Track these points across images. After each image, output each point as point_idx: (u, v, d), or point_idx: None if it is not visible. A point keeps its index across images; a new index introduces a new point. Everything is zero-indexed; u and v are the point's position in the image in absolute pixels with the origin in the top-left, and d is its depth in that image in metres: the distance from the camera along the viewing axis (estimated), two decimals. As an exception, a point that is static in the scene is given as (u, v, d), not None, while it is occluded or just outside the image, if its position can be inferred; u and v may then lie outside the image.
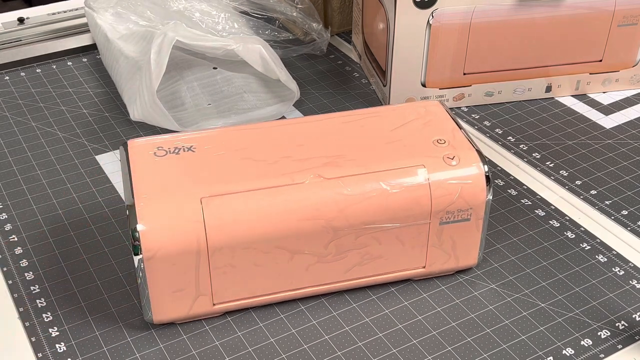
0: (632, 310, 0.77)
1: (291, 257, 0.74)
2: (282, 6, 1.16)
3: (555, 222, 0.89)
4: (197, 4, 1.11)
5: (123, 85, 1.07)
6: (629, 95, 1.13)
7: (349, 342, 0.74)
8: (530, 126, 1.06)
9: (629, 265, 0.83)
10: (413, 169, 0.75)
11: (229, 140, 0.79)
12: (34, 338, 0.75)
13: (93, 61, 1.23)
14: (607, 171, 0.97)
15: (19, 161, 1.00)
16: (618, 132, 1.05)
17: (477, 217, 0.77)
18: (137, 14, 1.10)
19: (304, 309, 0.78)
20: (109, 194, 0.94)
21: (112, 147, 1.02)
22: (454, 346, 0.74)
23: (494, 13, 1.02)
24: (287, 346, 0.74)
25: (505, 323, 0.76)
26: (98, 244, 0.86)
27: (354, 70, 1.20)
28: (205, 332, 0.76)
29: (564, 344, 0.74)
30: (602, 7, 1.04)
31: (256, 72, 1.07)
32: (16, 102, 1.12)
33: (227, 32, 1.09)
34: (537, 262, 0.83)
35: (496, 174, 0.97)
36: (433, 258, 0.78)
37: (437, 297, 0.79)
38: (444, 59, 1.05)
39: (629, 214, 0.90)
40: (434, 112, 0.83)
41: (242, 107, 1.09)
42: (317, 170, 0.74)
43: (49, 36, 1.27)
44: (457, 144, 0.78)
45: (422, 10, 1.00)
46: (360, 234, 0.74)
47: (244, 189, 0.72)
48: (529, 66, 1.08)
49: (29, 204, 0.92)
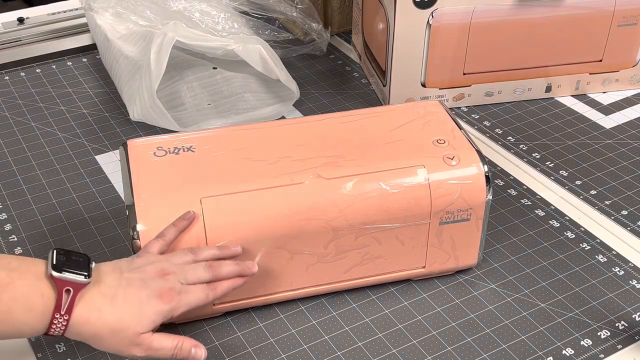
0: (632, 310, 0.77)
1: (291, 257, 0.74)
2: (282, 6, 1.16)
3: (555, 222, 0.89)
4: (197, 4, 1.11)
5: (123, 85, 1.07)
6: (629, 95, 1.13)
7: (349, 342, 0.74)
8: (530, 126, 1.06)
9: (629, 265, 0.83)
10: (413, 169, 0.75)
11: (228, 140, 0.79)
12: (34, 338, 0.75)
13: (93, 61, 1.23)
14: (607, 171, 0.97)
15: (19, 161, 1.00)
16: (618, 132, 1.05)
17: (477, 217, 0.77)
18: (137, 14, 1.10)
19: (304, 309, 0.78)
20: (108, 194, 0.94)
21: (111, 147, 1.02)
22: (453, 346, 0.74)
23: (494, 13, 1.02)
24: (287, 346, 0.74)
25: (505, 323, 0.76)
26: (98, 244, 0.86)
27: (354, 70, 1.20)
28: (205, 332, 0.76)
29: (564, 344, 0.74)
30: (602, 7, 1.04)
31: (256, 72, 1.07)
32: (16, 102, 1.12)
33: (227, 32, 1.09)
34: (537, 262, 0.83)
35: (496, 174, 0.97)
36: (433, 258, 0.78)
37: (437, 297, 0.79)
38: (443, 59, 1.05)
39: (629, 214, 0.90)
40: (433, 112, 0.83)
41: (241, 107, 1.09)
42: (316, 170, 0.74)
43: (48, 36, 1.27)
44: (457, 144, 0.78)
45: (422, 10, 1.00)
46: (360, 234, 0.74)
47: (244, 189, 0.72)
48: (529, 66, 1.08)
49: (29, 204, 0.92)
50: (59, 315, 0.62)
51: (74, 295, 0.63)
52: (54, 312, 0.62)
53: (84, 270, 0.64)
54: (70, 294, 0.62)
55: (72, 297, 0.62)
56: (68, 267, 0.63)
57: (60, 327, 0.63)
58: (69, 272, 0.63)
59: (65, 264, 0.63)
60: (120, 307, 0.64)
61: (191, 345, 0.67)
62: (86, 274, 0.64)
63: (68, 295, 0.62)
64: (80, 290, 0.63)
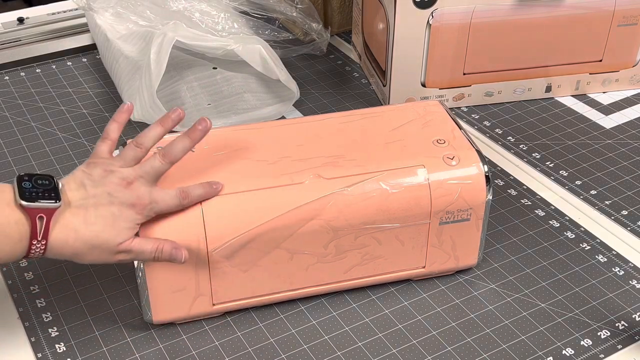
0: (632, 310, 0.77)
1: (291, 257, 0.74)
2: (282, 6, 1.16)
3: (555, 222, 0.89)
4: (197, 4, 1.11)
5: (123, 85, 1.07)
6: (629, 95, 1.13)
7: (349, 342, 0.74)
8: (530, 126, 1.06)
9: (629, 265, 0.83)
10: (413, 169, 0.75)
11: (228, 140, 0.79)
12: (34, 338, 0.75)
13: (93, 61, 1.23)
14: (607, 171, 0.97)
15: (19, 161, 1.00)
16: (618, 132, 1.05)
17: (477, 217, 0.77)
18: (137, 14, 1.10)
19: (304, 309, 0.78)
20: (108, 194, 0.93)
21: (112, 147, 1.02)
22: (453, 346, 0.74)
23: (494, 13, 1.02)
24: (287, 346, 0.74)
25: (505, 323, 0.76)
26: (98, 244, 0.86)
27: (354, 70, 1.20)
28: (205, 332, 0.76)
29: (564, 344, 0.74)
30: (602, 7, 1.04)
31: (256, 72, 1.07)
32: (16, 102, 1.12)
33: (227, 32, 1.09)
34: (537, 262, 0.83)
35: (496, 174, 0.97)
36: (433, 258, 0.78)
37: (437, 297, 0.79)
38: (444, 59, 1.05)
39: (629, 214, 0.90)
40: (433, 112, 0.83)
41: (241, 107, 1.09)
42: (316, 170, 0.74)
43: (48, 36, 1.27)
44: (457, 144, 0.78)
45: (422, 10, 1.00)
46: (360, 234, 0.74)
47: (244, 189, 0.72)
48: (529, 66, 1.08)
49: (29, 204, 0.92)
50: (36, 241, 0.63)
51: (47, 221, 0.63)
52: (31, 239, 0.63)
53: (53, 194, 0.64)
54: (43, 220, 0.63)
55: (46, 223, 0.63)
56: (37, 194, 0.64)
57: (39, 251, 0.64)
58: (38, 201, 0.63)
59: (33, 190, 0.64)
60: (95, 224, 0.66)
61: (171, 247, 0.68)
62: (55, 198, 0.64)
63: (42, 221, 0.63)
64: (53, 215, 0.64)
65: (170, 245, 0.68)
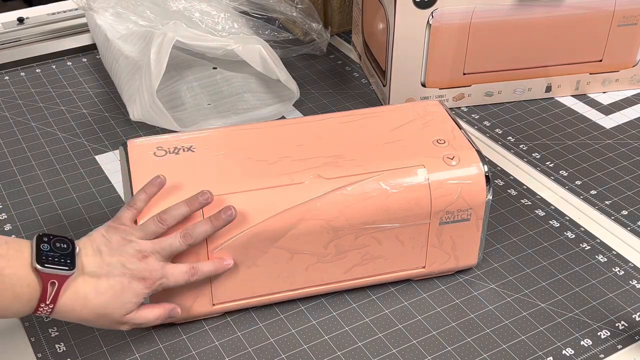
0: (632, 310, 0.77)
1: (291, 257, 0.74)
2: (282, 6, 1.16)
3: (555, 222, 0.89)
4: (197, 4, 1.11)
5: (123, 85, 1.07)
6: (629, 95, 1.13)
7: (349, 342, 0.74)
8: (530, 126, 1.06)
9: (629, 265, 0.83)
10: (413, 169, 0.75)
11: (228, 140, 0.79)
12: (34, 338, 0.75)
13: (93, 61, 1.23)
14: (607, 171, 0.97)
15: (19, 161, 1.00)
16: (618, 132, 1.05)
17: (477, 217, 0.77)
18: (137, 14, 1.10)
19: (304, 309, 0.78)
20: (108, 194, 0.94)
21: (111, 147, 1.02)
22: (453, 346, 0.74)
23: (494, 13, 1.02)
24: (287, 346, 0.74)
25: (505, 323, 0.76)
26: (98, 244, 0.86)
27: (354, 70, 1.20)
28: (205, 332, 0.76)
29: (564, 344, 0.74)
30: (602, 7, 1.04)
31: (256, 72, 1.07)
32: (16, 102, 1.12)
33: (227, 32, 1.09)
34: (537, 262, 0.83)
35: (496, 174, 0.97)
36: (433, 258, 0.78)
37: (437, 297, 0.79)
38: (444, 59, 1.05)
39: (629, 214, 0.90)
40: (433, 112, 0.83)
41: (241, 107, 1.09)
42: (316, 170, 0.74)
43: (48, 36, 1.27)
44: (457, 144, 0.78)
45: (422, 10, 1.00)
46: (360, 234, 0.74)
47: (244, 189, 0.72)
48: (529, 66, 1.08)
49: (29, 203, 0.92)
50: (44, 304, 0.64)
51: (58, 287, 0.64)
52: (40, 301, 0.64)
53: (69, 260, 0.65)
54: (55, 285, 0.64)
55: (57, 288, 0.64)
56: (52, 259, 0.65)
57: (46, 312, 0.65)
58: (53, 267, 0.64)
59: (50, 254, 0.65)
60: (104, 294, 0.67)
61: (169, 311, 0.71)
62: (70, 265, 0.65)
63: (53, 287, 0.64)
64: (65, 282, 0.65)
65: (169, 310, 0.71)
